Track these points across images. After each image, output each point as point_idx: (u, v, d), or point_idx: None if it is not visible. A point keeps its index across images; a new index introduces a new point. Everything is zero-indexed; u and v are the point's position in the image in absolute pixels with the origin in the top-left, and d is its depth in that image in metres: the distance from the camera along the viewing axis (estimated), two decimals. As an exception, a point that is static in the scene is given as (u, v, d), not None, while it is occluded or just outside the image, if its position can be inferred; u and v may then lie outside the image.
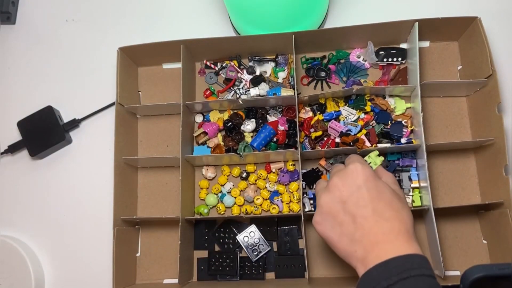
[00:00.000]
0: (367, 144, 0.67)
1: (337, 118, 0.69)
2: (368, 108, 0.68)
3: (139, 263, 0.71)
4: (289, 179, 0.69)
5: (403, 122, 0.68)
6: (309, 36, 0.69)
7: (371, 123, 0.69)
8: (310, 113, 0.70)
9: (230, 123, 0.71)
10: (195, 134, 0.72)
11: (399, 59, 0.70)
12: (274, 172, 0.70)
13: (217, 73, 0.75)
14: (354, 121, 0.68)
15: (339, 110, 0.69)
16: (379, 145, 0.67)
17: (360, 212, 0.49)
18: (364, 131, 0.68)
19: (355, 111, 0.69)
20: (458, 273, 0.65)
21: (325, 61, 0.73)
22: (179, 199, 0.65)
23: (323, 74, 0.72)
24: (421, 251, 0.47)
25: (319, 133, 0.68)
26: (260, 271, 0.67)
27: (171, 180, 0.73)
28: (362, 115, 0.69)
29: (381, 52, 0.70)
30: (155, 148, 0.75)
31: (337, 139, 0.68)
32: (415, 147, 0.65)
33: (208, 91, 0.74)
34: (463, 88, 0.69)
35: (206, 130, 0.71)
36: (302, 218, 0.63)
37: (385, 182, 0.52)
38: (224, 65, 0.75)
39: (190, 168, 0.71)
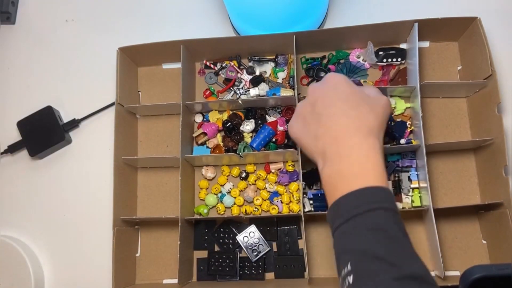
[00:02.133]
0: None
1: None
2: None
3: (139, 263, 0.71)
4: (289, 179, 0.69)
5: (407, 123, 0.68)
6: (309, 36, 0.68)
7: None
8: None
9: (229, 123, 0.71)
10: (194, 135, 0.72)
11: (399, 59, 0.70)
12: (273, 173, 0.70)
13: (217, 74, 0.75)
14: None
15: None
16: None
17: (326, 111, 0.52)
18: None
19: None
20: (458, 273, 0.65)
21: (325, 61, 0.73)
22: (178, 199, 0.65)
23: (322, 74, 0.72)
24: (380, 145, 0.49)
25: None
26: (260, 271, 0.67)
27: (171, 180, 0.73)
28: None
29: (380, 53, 0.70)
30: (154, 148, 0.75)
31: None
32: (414, 147, 0.65)
33: (208, 92, 0.74)
34: (463, 89, 0.69)
35: (206, 131, 0.71)
36: (302, 218, 0.63)
37: (359, 88, 0.54)
38: (224, 65, 0.75)
39: (189, 168, 0.71)
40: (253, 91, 0.71)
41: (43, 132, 0.74)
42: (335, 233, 0.46)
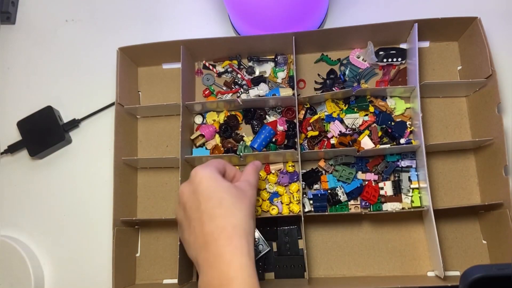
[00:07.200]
0: (368, 146, 0.67)
1: (342, 122, 0.69)
2: (371, 109, 0.68)
3: (139, 263, 0.71)
4: (289, 180, 0.69)
5: (407, 123, 0.68)
6: (309, 36, 0.68)
7: (373, 125, 0.69)
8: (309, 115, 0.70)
9: (226, 126, 0.70)
10: (192, 137, 0.72)
11: (399, 59, 0.70)
12: (273, 173, 0.70)
13: (219, 76, 0.75)
14: (360, 125, 0.68)
15: (341, 118, 0.69)
16: (380, 146, 0.67)
17: (194, 215, 0.50)
18: (367, 132, 0.68)
19: (358, 115, 0.68)
20: (458, 273, 0.65)
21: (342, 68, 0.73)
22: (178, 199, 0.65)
23: (332, 76, 0.72)
24: (246, 243, 0.47)
25: (316, 133, 0.68)
26: (260, 271, 0.67)
27: (171, 181, 0.73)
28: (366, 118, 0.69)
29: (381, 53, 0.70)
30: (154, 148, 0.75)
31: (332, 141, 0.68)
32: (414, 147, 0.65)
33: (208, 91, 0.74)
34: (462, 89, 0.69)
35: (203, 133, 0.71)
36: (302, 219, 0.63)
37: (225, 182, 0.51)
38: (228, 69, 0.75)
39: (189, 169, 0.71)
40: (253, 92, 0.71)
41: (43, 132, 0.74)
42: None
